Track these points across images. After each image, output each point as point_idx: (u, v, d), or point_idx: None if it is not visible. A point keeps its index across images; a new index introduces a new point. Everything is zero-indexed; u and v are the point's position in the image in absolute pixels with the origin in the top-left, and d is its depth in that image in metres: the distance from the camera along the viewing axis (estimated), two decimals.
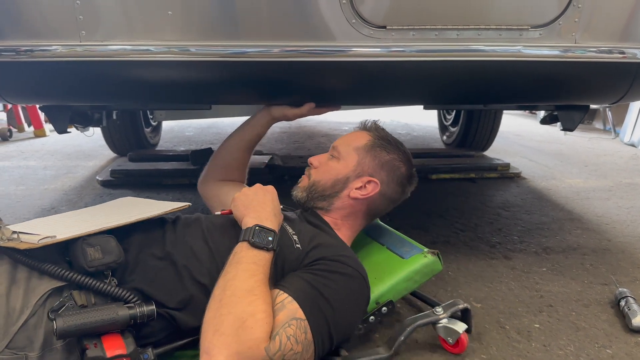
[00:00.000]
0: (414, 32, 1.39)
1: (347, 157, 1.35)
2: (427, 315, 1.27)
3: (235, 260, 1.01)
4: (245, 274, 0.97)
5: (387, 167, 1.35)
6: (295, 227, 1.23)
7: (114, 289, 1.02)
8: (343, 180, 1.33)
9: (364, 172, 1.33)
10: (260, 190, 1.23)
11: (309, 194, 1.36)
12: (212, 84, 1.48)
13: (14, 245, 0.99)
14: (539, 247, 2.01)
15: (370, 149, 1.36)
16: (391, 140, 1.40)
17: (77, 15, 1.33)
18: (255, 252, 1.03)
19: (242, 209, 1.16)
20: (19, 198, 2.67)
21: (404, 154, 1.40)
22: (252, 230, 1.06)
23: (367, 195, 1.31)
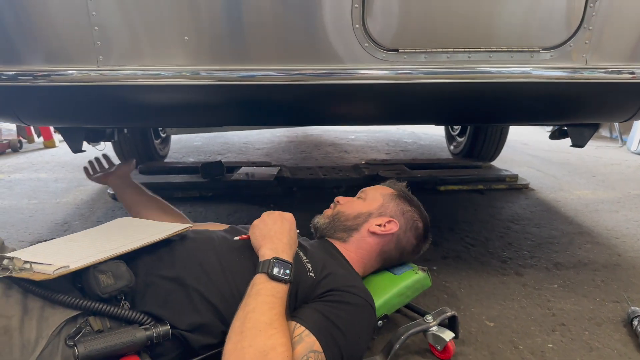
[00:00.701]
0: (425, 55, 1.42)
1: (372, 198, 1.45)
2: (419, 324, 1.34)
3: (254, 292, 1.03)
4: (264, 307, 1.00)
5: (407, 216, 1.43)
6: (308, 254, 1.26)
7: (129, 312, 1.04)
8: (365, 215, 1.39)
9: (386, 213, 1.41)
10: (279, 219, 1.25)
11: (331, 222, 1.42)
12: (228, 107, 1.51)
13: (28, 276, 1.00)
14: (550, 262, 2.01)
15: (395, 197, 1.45)
16: (414, 199, 1.50)
17: (94, 41, 1.36)
18: (274, 284, 1.06)
19: (260, 239, 1.18)
20: (31, 212, 2.69)
21: (423, 214, 1.48)
22: (271, 263, 1.09)
23: (385, 232, 1.37)
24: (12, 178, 3.53)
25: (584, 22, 1.40)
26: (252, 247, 1.20)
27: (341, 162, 3.97)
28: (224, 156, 4.30)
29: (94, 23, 1.33)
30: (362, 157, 4.21)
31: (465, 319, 1.57)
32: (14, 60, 1.41)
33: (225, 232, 1.34)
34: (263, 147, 4.75)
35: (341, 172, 3.30)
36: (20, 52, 1.41)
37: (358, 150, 4.55)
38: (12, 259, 1.01)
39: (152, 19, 1.32)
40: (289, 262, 1.11)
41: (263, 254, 1.13)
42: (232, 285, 1.13)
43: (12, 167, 3.95)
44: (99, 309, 1.01)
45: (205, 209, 2.74)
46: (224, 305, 1.11)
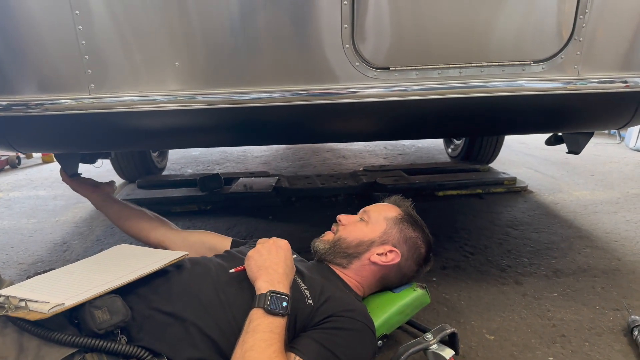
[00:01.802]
0: (416, 72, 1.42)
1: (376, 223, 1.40)
2: (419, 342, 1.33)
3: (251, 329, 1.03)
4: (262, 344, 0.99)
5: (410, 243, 1.39)
6: (306, 279, 1.26)
7: (126, 347, 1.04)
8: (367, 243, 1.37)
9: (388, 240, 1.37)
10: (274, 248, 1.23)
11: (331, 248, 1.39)
12: (223, 129, 1.51)
13: (23, 315, 1.00)
14: (549, 269, 2.01)
15: (399, 222, 1.40)
16: (418, 220, 1.45)
17: (85, 69, 1.36)
18: (271, 319, 1.05)
19: (255, 270, 1.17)
20: (30, 232, 2.70)
21: (427, 237, 1.44)
22: (267, 297, 1.08)
23: (386, 262, 1.35)
24: (11, 196, 3.53)
25: (574, 34, 1.40)
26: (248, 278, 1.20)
27: (339, 168, 3.97)
28: (222, 166, 4.30)
29: (84, 52, 1.34)
30: (360, 162, 4.21)
31: (466, 333, 1.57)
32: (6, 90, 1.41)
33: (222, 259, 1.33)
34: (261, 155, 4.75)
35: (339, 180, 3.30)
36: (12, 82, 1.41)
37: (356, 155, 4.55)
38: (8, 297, 1.01)
39: (142, 45, 1.33)
40: (286, 295, 1.10)
41: (259, 287, 1.12)
42: (231, 318, 1.13)
43: (11, 184, 3.95)
44: (95, 346, 1.01)
45: (204, 224, 2.74)
46: (223, 339, 1.10)
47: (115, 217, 1.76)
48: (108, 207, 1.79)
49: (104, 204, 1.80)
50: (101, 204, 1.80)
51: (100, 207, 1.81)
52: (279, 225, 2.71)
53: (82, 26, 1.31)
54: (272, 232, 1.53)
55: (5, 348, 0.99)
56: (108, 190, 1.83)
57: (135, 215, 1.74)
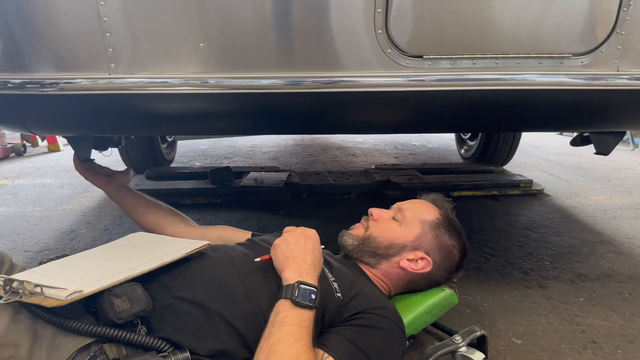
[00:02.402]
0: (451, 62, 1.35)
1: (410, 224, 1.29)
2: (447, 345, 1.26)
3: (278, 321, 0.97)
4: (290, 338, 0.93)
5: (444, 252, 1.30)
6: (334, 271, 1.20)
7: (146, 338, 0.97)
8: (399, 247, 1.28)
9: (421, 246, 1.28)
10: (302, 238, 1.16)
11: (359, 246, 1.31)
12: (246, 115, 1.44)
13: (39, 301, 0.93)
14: (573, 273, 1.95)
15: (436, 227, 1.30)
16: (456, 226, 1.35)
17: (106, 48, 1.30)
18: (299, 311, 0.99)
19: (283, 260, 1.11)
20: (37, 220, 2.64)
21: (463, 245, 1.34)
22: (294, 288, 1.01)
23: (416, 270, 1.27)
24: (17, 184, 3.47)
25: (616, 27, 1.34)
26: (274, 268, 1.13)
27: (350, 166, 3.91)
28: (230, 160, 4.24)
29: (106, 29, 1.27)
30: (371, 161, 4.15)
31: (492, 336, 1.50)
32: (21, 67, 1.35)
33: (246, 248, 1.27)
34: (269, 151, 4.69)
35: (351, 178, 3.24)
36: (27, 59, 1.35)
37: (366, 154, 4.48)
38: (23, 282, 0.95)
39: (167, 24, 1.26)
40: (314, 286, 1.04)
41: (286, 278, 1.05)
42: (257, 308, 1.07)
43: (17, 172, 3.89)
44: (114, 336, 0.95)
45: (214, 217, 2.68)
46: (248, 329, 1.04)
47: (131, 209, 1.68)
48: (123, 198, 1.70)
49: (119, 195, 1.71)
50: (116, 195, 1.71)
51: (115, 198, 1.72)
52: (291, 221, 2.64)
53: (104, 2, 1.25)
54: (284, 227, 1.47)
55: (18, 336, 0.92)
56: (123, 179, 1.74)
57: (151, 209, 1.65)
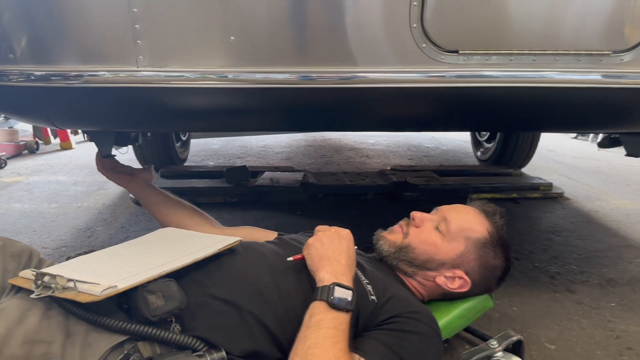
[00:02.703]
0: (487, 57, 1.31)
1: (454, 240, 1.20)
2: (482, 349, 1.21)
3: (314, 323, 0.93)
4: (327, 342, 0.90)
5: (486, 272, 1.23)
6: (368, 275, 1.16)
7: (182, 337, 0.94)
8: (437, 262, 1.21)
9: (461, 265, 1.21)
10: (336, 238, 1.12)
11: (395, 253, 1.25)
12: (276, 111, 1.41)
13: (72, 297, 0.90)
14: (602, 278, 1.90)
15: (481, 247, 1.20)
16: (504, 244, 1.25)
17: (135, 40, 1.27)
18: (335, 314, 0.95)
19: (317, 260, 1.07)
20: (53, 217, 2.61)
21: (507, 264, 1.26)
22: (331, 289, 0.98)
23: (452, 289, 1.22)
24: (31, 181, 3.46)
25: None
26: (307, 267, 1.09)
27: (364, 167, 3.87)
28: (243, 160, 4.21)
29: (135, 20, 1.24)
30: (384, 162, 4.11)
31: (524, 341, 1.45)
32: (46, 59, 1.32)
33: (275, 246, 1.24)
34: (282, 151, 4.66)
35: (367, 179, 3.20)
36: (52, 50, 1.32)
37: (380, 155, 4.45)
38: (55, 276, 0.91)
39: (200, 15, 1.23)
40: (351, 288, 1.00)
41: (321, 278, 1.02)
42: (289, 308, 1.03)
43: (30, 169, 3.88)
44: (149, 334, 0.92)
45: (231, 216, 2.65)
46: (280, 330, 1.01)
47: (154, 208, 1.64)
48: (146, 196, 1.66)
49: (142, 193, 1.67)
50: (139, 193, 1.68)
51: (138, 196, 1.69)
52: (308, 221, 2.61)
53: None
54: (301, 228, 1.44)
55: (51, 332, 0.89)
56: (146, 177, 1.70)
57: (175, 209, 1.61)
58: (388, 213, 2.74)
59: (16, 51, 1.33)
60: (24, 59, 1.34)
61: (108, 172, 1.69)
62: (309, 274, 1.08)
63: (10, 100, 1.44)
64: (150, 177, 1.72)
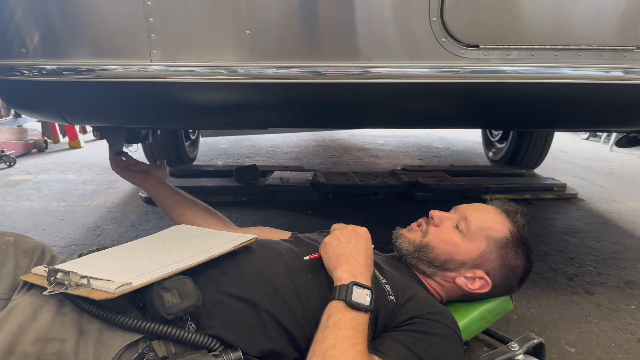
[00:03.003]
0: (509, 52, 1.28)
1: (474, 239, 1.17)
2: (503, 352, 1.19)
3: (332, 324, 0.90)
4: (346, 343, 0.87)
5: (507, 273, 1.20)
6: (386, 274, 1.13)
7: (197, 336, 0.92)
8: (458, 263, 1.18)
9: (482, 265, 1.18)
10: (354, 236, 1.09)
11: (415, 252, 1.22)
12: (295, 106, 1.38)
13: (86, 294, 0.88)
14: (620, 280, 1.86)
15: (503, 247, 1.17)
16: (525, 244, 1.22)
17: (149, 33, 1.24)
18: (354, 314, 0.92)
19: (334, 259, 1.04)
20: (62, 215, 2.60)
21: (529, 264, 1.23)
22: (349, 288, 0.95)
23: (472, 290, 1.19)
24: (40, 179, 3.45)
25: None
26: (324, 266, 1.06)
27: (374, 167, 3.84)
28: (252, 159, 4.19)
29: (150, 13, 1.22)
30: (394, 162, 4.07)
31: None
32: (57, 53, 1.30)
33: (291, 244, 1.21)
34: (291, 151, 4.64)
35: (378, 178, 3.17)
36: (64, 44, 1.30)
37: (389, 156, 4.41)
38: (69, 273, 0.89)
39: (216, 8, 1.21)
40: (369, 288, 0.97)
41: (339, 277, 0.99)
42: (307, 307, 1.01)
43: (39, 167, 3.87)
44: (165, 333, 0.89)
45: (241, 215, 2.62)
46: (297, 329, 0.98)
47: (168, 207, 1.61)
48: (160, 194, 1.63)
49: (156, 192, 1.64)
50: (153, 192, 1.65)
51: (153, 195, 1.66)
52: (320, 220, 2.58)
53: None
54: (312, 227, 1.42)
55: (64, 330, 0.87)
56: (160, 174, 1.67)
57: (189, 209, 1.58)
58: (400, 213, 2.71)
59: (28, 45, 1.32)
60: (36, 53, 1.32)
61: (122, 170, 1.66)
62: (326, 273, 1.05)
63: (21, 95, 1.43)
64: (165, 174, 1.70)
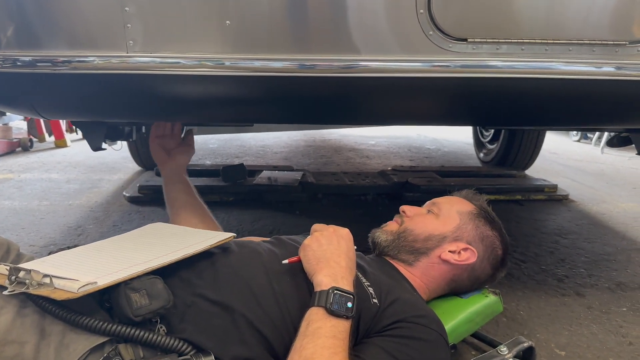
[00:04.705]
0: (498, 46, 1.25)
1: (447, 216, 1.22)
2: (492, 356, 1.17)
3: (310, 332, 0.86)
4: (325, 353, 0.82)
5: (487, 243, 1.22)
6: (369, 277, 1.08)
7: (167, 339, 0.87)
8: (438, 238, 1.19)
9: (462, 237, 1.19)
10: (335, 238, 1.04)
11: (395, 240, 1.21)
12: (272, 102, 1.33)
13: (47, 293, 0.83)
14: (611, 282, 1.83)
15: (475, 217, 1.22)
16: (495, 218, 1.27)
17: (124, 23, 1.20)
18: (334, 321, 0.88)
19: (314, 263, 0.99)
20: (43, 214, 2.53)
21: (505, 238, 1.26)
22: (329, 295, 0.90)
23: (460, 262, 1.17)
24: (22, 178, 3.38)
25: None
26: (304, 270, 1.02)
27: (365, 168, 3.80)
28: (241, 159, 4.13)
29: (125, 2, 1.17)
30: (385, 163, 4.04)
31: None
32: (32, 44, 1.25)
33: (272, 245, 1.16)
34: (281, 151, 4.59)
35: (368, 179, 3.12)
36: (39, 35, 1.25)
37: (380, 156, 4.37)
38: (30, 271, 0.84)
39: None
40: (351, 293, 0.93)
41: (319, 282, 0.94)
42: (285, 312, 0.96)
43: (23, 166, 3.80)
44: (132, 335, 0.84)
45: (227, 215, 2.57)
46: (275, 335, 0.93)
47: (170, 202, 1.56)
48: (168, 185, 1.58)
49: (168, 181, 1.58)
50: (166, 179, 1.59)
51: (164, 181, 1.60)
52: (308, 221, 2.50)
53: None
54: (300, 228, 1.37)
55: (24, 332, 0.82)
56: (181, 160, 1.62)
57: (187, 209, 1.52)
58: (390, 213, 2.65)
59: (0, 37, 1.27)
60: (9, 44, 1.27)
61: (157, 139, 1.63)
62: (306, 277, 1.01)
63: None
64: (186, 160, 1.65)
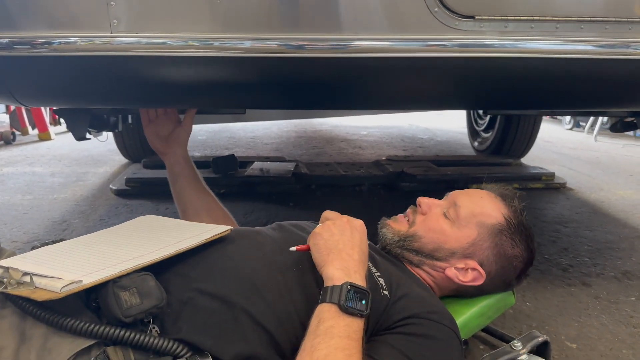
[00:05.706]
0: (506, 24, 1.18)
1: (465, 227, 1.07)
2: (505, 352, 1.09)
3: (323, 331, 0.79)
4: (340, 354, 0.75)
5: (503, 263, 1.08)
6: (380, 267, 1.01)
7: (160, 341, 0.79)
8: (447, 252, 1.07)
9: (474, 255, 1.07)
10: (348, 228, 0.96)
11: (399, 242, 1.11)
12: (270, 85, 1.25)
13: (27, 294, 0.75)
14: (617, 271, 1.78)
15: (496, 234, 1.06)
16: (524, 231, 1.10)
17: (108, 1, 1.11)
18: (348, 320, 0.81)
19: (325, 253, 0.91)
20: (26, 209, 2.43)
21: (530, 254, 1.11)
22: (343, 290, 0.82)
23: (464, 282, 1.07)
24: (5, 172, 3.26)
25: None
26: (310, 260, 0.94)
27: (358, 158, 3.73)
28: (231, 151, 4.03)
29: None
30: (378, 153, 3.97)
31: None
32: (9, 25, 1.16)
33: (274, 232, 1.08)
34: (272, 142, 4.50)
35: (362, 169, 3.06)
36: (16, 15, 1.16)
37: (373, 147, 4.31)
38: (8, 269, 0.76)
39: None
40: (365, 289, 0.85)
41: (331, 276, 0.86)
42: (291, 307, 0.89)
43: (5, 160, 3.68)
44: (120, 337, 0.77)
45: None
46: (280, 331, 0.86)
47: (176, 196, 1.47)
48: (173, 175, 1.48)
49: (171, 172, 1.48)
50: (169, 169, 1.49)
51: (168, 174, 1.50)
52: (302, 212, 2.46)
53: None
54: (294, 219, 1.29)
55: (2, 336, 0.74)
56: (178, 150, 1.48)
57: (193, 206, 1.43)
58: (386, 204, 2.61)
59: None
60: None
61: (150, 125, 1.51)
62: (313, 268, 0.93)
63: None
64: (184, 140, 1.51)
